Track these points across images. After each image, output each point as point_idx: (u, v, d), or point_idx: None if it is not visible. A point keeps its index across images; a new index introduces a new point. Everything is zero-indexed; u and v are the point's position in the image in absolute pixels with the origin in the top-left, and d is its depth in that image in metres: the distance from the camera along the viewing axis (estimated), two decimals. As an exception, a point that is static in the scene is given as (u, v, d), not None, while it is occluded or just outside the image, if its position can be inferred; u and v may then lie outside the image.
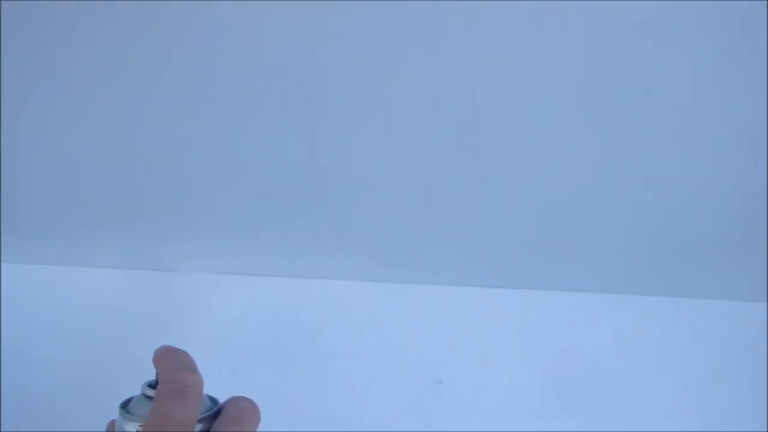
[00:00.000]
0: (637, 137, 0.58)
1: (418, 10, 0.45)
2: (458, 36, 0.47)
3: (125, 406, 0.45)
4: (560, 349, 0.86)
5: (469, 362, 0.84)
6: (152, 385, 0.44)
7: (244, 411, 0.43)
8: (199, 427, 0.41)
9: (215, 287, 0.84)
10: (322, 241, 0.77)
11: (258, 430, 0.43)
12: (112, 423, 0.44)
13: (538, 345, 0.86)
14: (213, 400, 0.45)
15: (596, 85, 0.52)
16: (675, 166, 0.62)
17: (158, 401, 0.41)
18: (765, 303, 0.89)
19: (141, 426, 0.42)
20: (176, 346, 0.82)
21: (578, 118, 0.56)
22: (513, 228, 0.74)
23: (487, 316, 0.86)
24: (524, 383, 0.84)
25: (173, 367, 0.43)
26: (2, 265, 0.82)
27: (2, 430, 0.76)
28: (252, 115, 0.56)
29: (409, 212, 0.71)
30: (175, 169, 0.64)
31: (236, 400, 0.44)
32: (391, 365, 0.83)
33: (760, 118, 0.52)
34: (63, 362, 0.80)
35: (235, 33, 0.47)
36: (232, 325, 0.83)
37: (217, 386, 0.78)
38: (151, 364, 0.80)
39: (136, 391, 0.44)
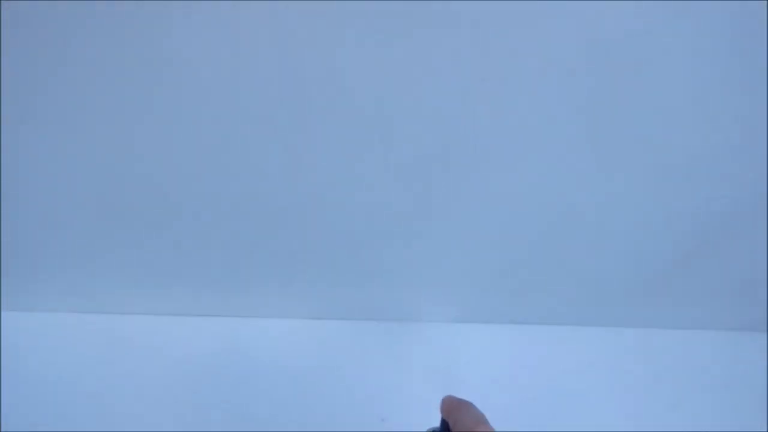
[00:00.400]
0: (615, 154, 0.57)
1: (394, 35, 0.45)
2: (437, 54, 0.47)
3: None
4: (526, 384, 0.84)
5: (415, 400, 0.78)
6: None
7: None
8: None
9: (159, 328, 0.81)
10: (265, 279, 0.75)
11: None
12: None
13: (492, 380, 0.83)
14: None
15: (563, 111, 0.52)
16: (670, 180, 0.62)
17: None
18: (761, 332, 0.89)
19: None
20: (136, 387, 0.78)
21: (548, 138, 0.55)
22: (468, 260, 0.72)
23: (435, 351, 0.84)
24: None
25: (469, 421, 0.45)
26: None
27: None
28: (190, 149, 0.55)
29: (357, 247, 0.69)
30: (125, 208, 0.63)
31: None
32: (334, 404, 0.80)
33: (759, 125, 0.53)
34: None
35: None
36: (177, 365, 0.80)
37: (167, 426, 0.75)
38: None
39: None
